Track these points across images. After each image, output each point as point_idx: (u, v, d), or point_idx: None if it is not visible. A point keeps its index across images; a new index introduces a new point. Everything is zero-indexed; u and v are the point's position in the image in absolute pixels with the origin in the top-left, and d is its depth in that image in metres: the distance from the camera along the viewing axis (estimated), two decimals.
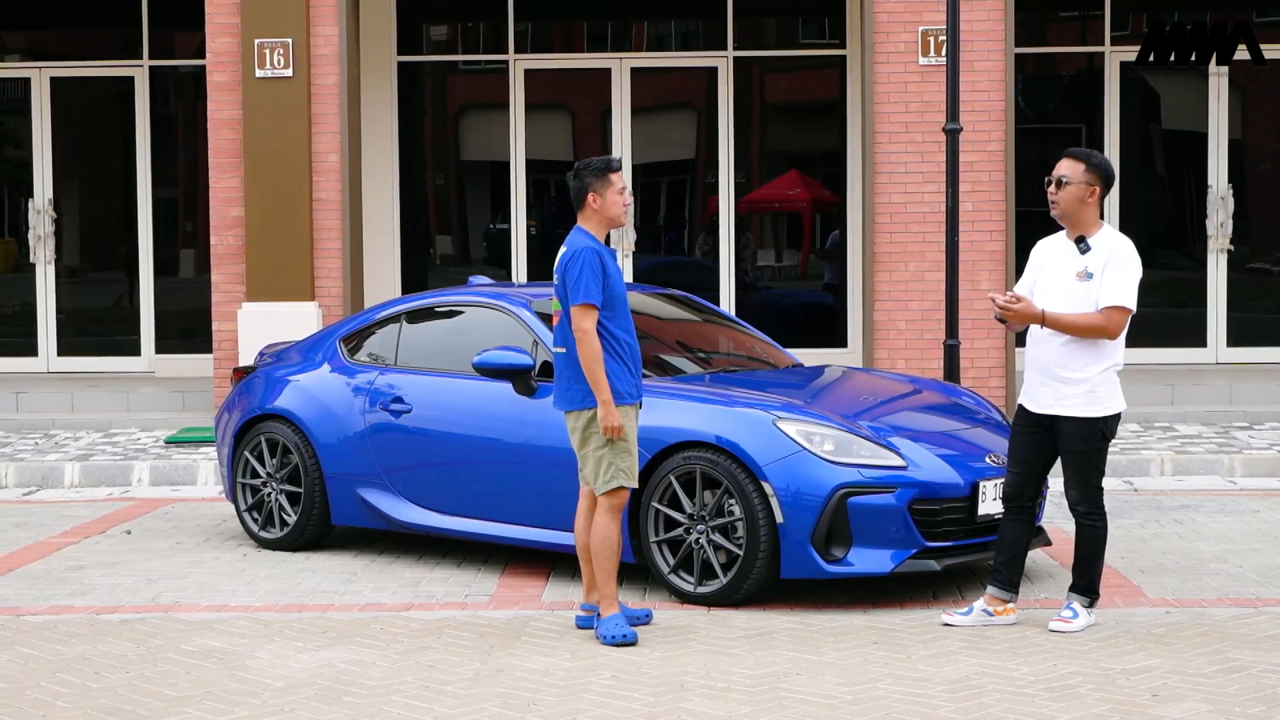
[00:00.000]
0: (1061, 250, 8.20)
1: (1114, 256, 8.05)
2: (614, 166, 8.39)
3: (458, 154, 17.96)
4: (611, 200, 8.34)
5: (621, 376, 8.20)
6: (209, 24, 15.01)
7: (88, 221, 17.71)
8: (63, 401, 15.77)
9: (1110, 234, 8.16)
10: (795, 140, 18.02)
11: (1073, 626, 8.17)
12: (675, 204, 17.57)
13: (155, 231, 16.93)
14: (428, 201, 17.73)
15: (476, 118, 17.82)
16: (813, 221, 17.44)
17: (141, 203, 16.88)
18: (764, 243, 17.69)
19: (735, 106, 16.75)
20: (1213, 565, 9.78)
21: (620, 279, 8.35)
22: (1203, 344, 16.46)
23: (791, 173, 17.51)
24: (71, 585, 9.62)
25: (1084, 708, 6.88)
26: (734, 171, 16.77)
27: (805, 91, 17.78)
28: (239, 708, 7.08)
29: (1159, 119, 17.43)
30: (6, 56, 17.67)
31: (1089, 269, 8.06)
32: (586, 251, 8.22)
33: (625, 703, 7.05)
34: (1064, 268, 8.13)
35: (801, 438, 8.71)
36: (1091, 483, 8.14)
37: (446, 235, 18.02)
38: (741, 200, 16.97)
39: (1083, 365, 8.05)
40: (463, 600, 9.11)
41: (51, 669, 7.73)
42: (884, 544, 8.66)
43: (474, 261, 17.47)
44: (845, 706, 6.94)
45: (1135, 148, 16.85)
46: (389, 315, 10.67)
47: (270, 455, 10.58)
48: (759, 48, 17.24)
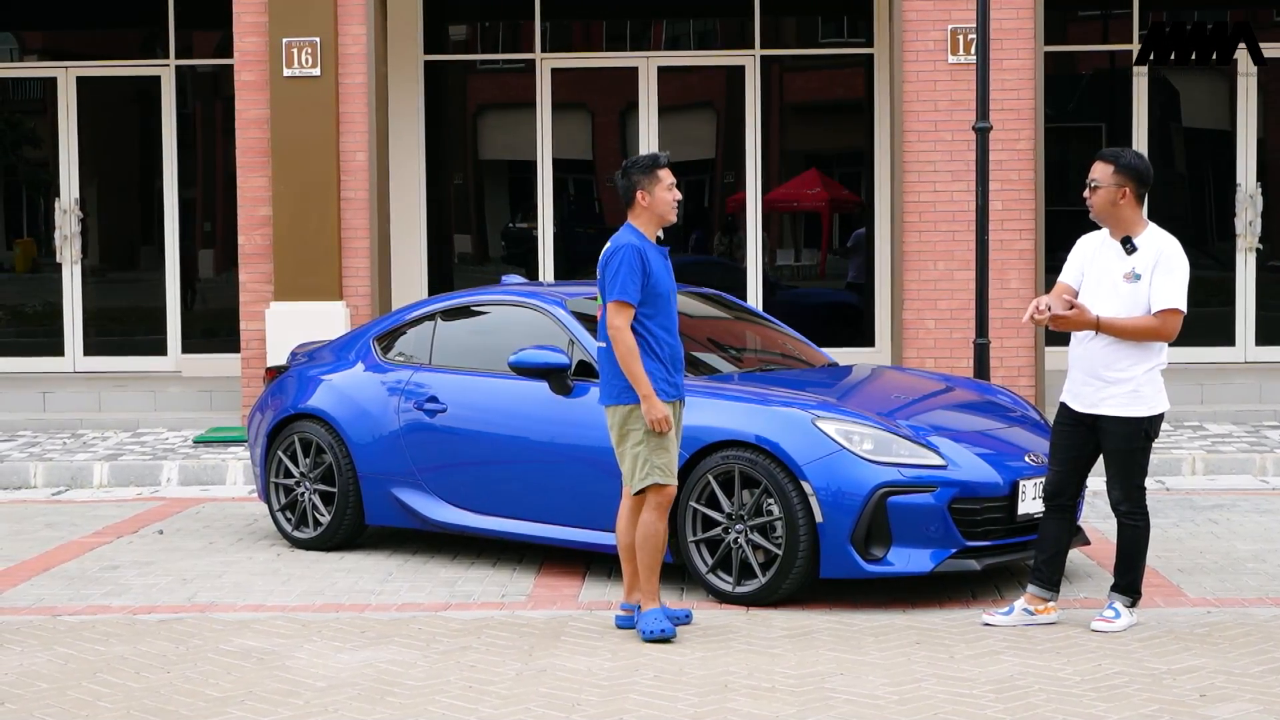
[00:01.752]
0: (1107, 250, 8.15)
1: (1162, 257, 8.00)
2: (662, 163, 8.37)
3: (484, 153, 17.93)
4: (660, 197, 8.31)
5: (657, 374, 8.16)
6: (237, 23, 15.00)
7: (113, 221, 17.70)
8: (90, 401, 15.77)
9: (1157, 234, 8.11)
10: (822, 139, 17.97)
11: (1115, 626, 8.12)
12: (701, 203, 17.53)
13: (181, 230, 16.93)
14: (454, 200, 17.72)
15: (503, 117, 17.80)
16: (830, 221, 17.39)
17: (167, 202, 16.86)
18: (783, 242, 17.64)
19: (763, 105, 16.70)
20: (1250, 565, 9.73)
21: (666, 276, 8.31)
22: (1231, 343, 16.41)
23: (811, 171, 17.45)
24: (107, 585, 9.61)
25: (1132, 708, 6.84)
26: (761, 170, 16.73)
27: (832, 90, 17.74)
28: (282, 708, 7.05)
29: (1186, 118, 17.36)
30: (32, 56, 17.67)
31: (1137, 270, 8.01)
32: (627, 248, 8.19)
33: (669, 702, 7.02)
34: (1111, 269, 8.08)
35: (841, 437, 8.67)
36: (1134, 482, 8.10)
37: (473, 234, 18.00)
38: (764, 199, 16.95)
39: (1128, 365, 8.00)
40: (500, 600, 9.08)
41: (92, 669, 7.72)
42: (924, 543, 8.62)
43: (499, 260, 17.45)
44: (892, 706, 6.91)
45: (1162, 146, 16.79)
46: (423, 314, 10.64)
47: (304, 455, 10.56)
48: (786, 46, 17.19)
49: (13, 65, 17.61)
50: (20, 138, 17.89)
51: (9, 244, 17.56)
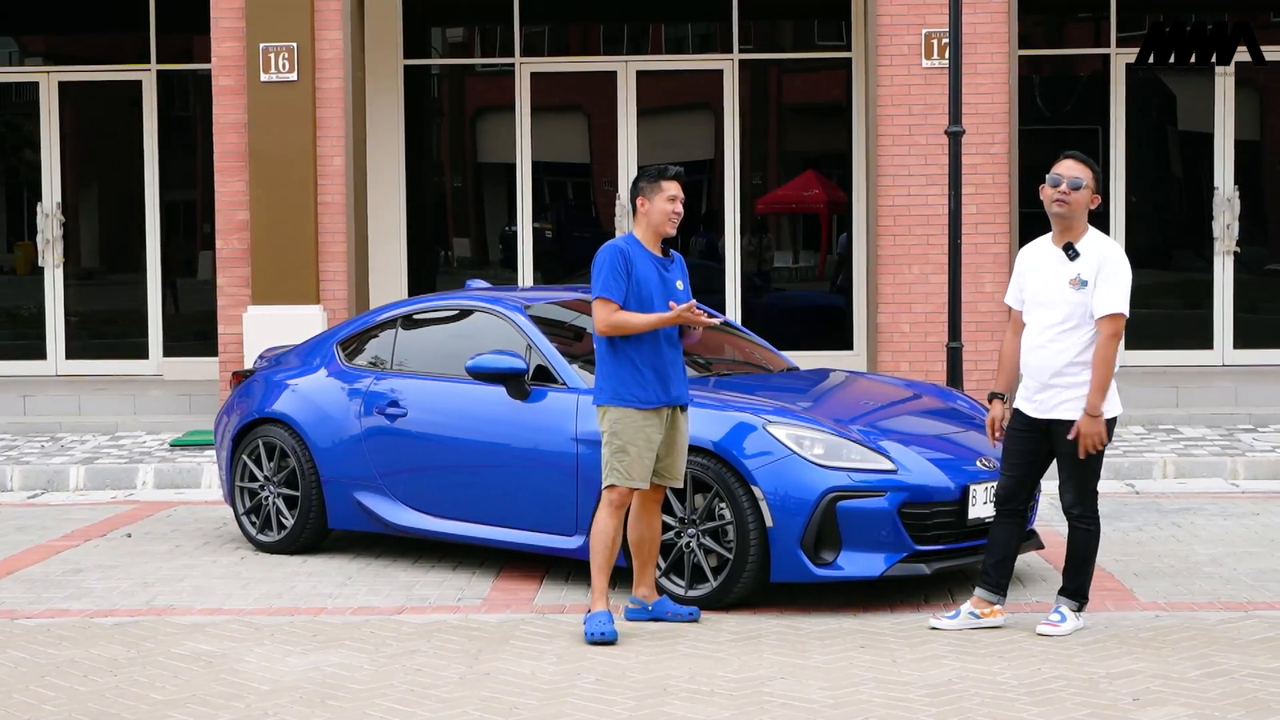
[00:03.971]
0: (1049, 257, 8.19)
1: (1106, 263, 8.04)
2: (668, 174, 8.43)
3: (465, 157, 18.00)
4: (658, 207, 8.37)
5: (630, 381, 8.24)
6: (214, 28, 15.08)
7: (96, 225, 17.79)
8: (70, 404, 15.85)
9: (1098, 238, 8.16)
10: (803, 142, 18.03)
11: (1061, 630, 8.16)
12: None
13: (164, 235, 17.01)
14: (435, 204, 17.79)
15: (483, 121, 17.86)
16: (830, 223, 17.43)
17: (150, 206, 16.96)
18: (779, 244, 17.69)
19: (741, 109, 16.76)
20: (1207, 569, 9.76)
21: (655, 283, 8.35)
22: (1209, 345, 16.44)
23: (808, 173, 17.51)
24: (68, 589, 9.67)
25: (1063, 712, 6.89)
26: (740, 173, 16.78)
27: (812, 94, 17.79)
28: (223, 711, 7.11)
29: (1167, 120, 17.40)
30: (16, 60, 17.74)
31: (1082, 276, 8.05)
32: (609, 249, 8.35)
33: (607, 706, 7.07)
34: (1055, 274, 8.12)
35: (791, 442, 8.72)
36: (1088, 486, 8.14)
37: (454, 238, 18.07)
38: (758, 201, 17.03)
39: (1081, 370, 8.04)
40: (455, 604, 9.13)
41: (41, 672, 7.78)
42: (874, 547, 8.66)
43: (482, 264, 17.52)
44: (825, 711, 6.96)
45: (1143, 149, 16.82)
46: (385, 319, 10.71)
47: (268, 459, 10.62)
48: (765, 50, 17.24)
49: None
50: (4, 141, 17.98)
51: (9, 246, 17.62)
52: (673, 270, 8.46)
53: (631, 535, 8.55)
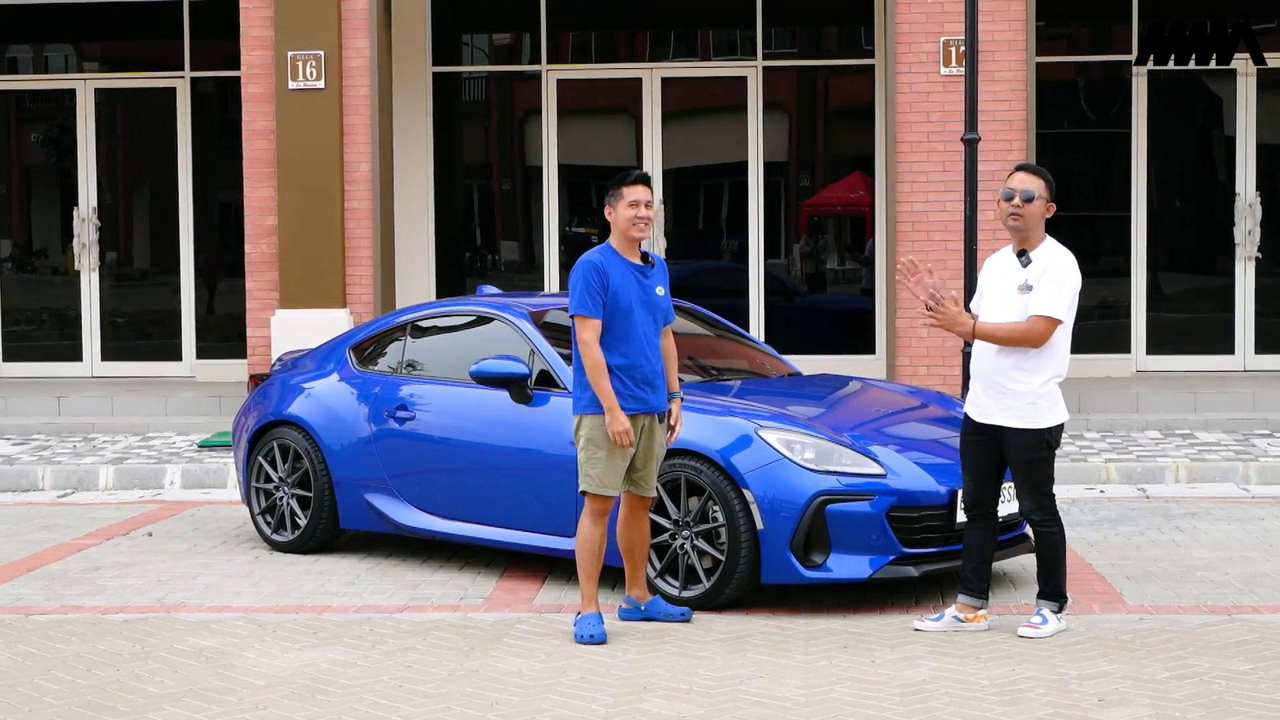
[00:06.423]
0: (1007, 263, 8.40)
1: (1050, 268, 8.22)
2: (628, 179, 8.53)
3: (492, 162, 18.23)
4: (622, 214, 8.51)
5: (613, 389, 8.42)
6: (244, 37, 15.37)
7: (132, 229, 18.12)
8: (103, 405, 16.14)
9: (1052, 246, 8.34)
10: (831, 146, 18.15)
11: (1041, 633, 8.32)
12: (709, 210, 17.78)
13: (197, 238, 17.31)
14: (463, 208, 18.02)
15: (511, 127, 18.09)
16: (874, 225, 17.55)
17: (183, 210, 17.27)
18: (816, 248, 17.81)
19: (765, 114, 16.92)
20: (1200, 573, 9.88)
21: (634, 291, 8.46)
22: (1230, 351, 16.52)
23: (855, 175, 17.63)
24: (84, 586, 9.94)
25: (1028, 711, 7.04)
26: (764, 177, 16.94)
27: (837, 99, 17.93)
28: (215, 705, 7.35)
29: (1189, 126, 17.46)
30: (53, 68, 18.08)
31: (1029, 281, 8.24)
32: (581, 264, 8.47)
33: (585, 703, 7.27)
34: (1008, 279, 8.32)
35: (782, 446, 8.90)
36: (1043, 490, 8.31)
37: (481, 241, 18.29)
38: (802, 204, 17.21)
39: (1025, 376, 8.22)
40: (457, 603, 9.35)
41: (46, 666, 8.04)
42: (862, 550, 8.84)
43: (510, 267, 17.75)
44: (795, 709, 7.14)
45: (1164, 155, 16.90)
46: (397, 324, 10.95)
47: (282, 460, 10.87)
48: (789, 57, 17.41)
49: (33, 78, 18.02)
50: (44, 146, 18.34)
51: (62, 248, 17.95)
52: (653, 276, 8.59)
53: (621, 542, 8.71)
